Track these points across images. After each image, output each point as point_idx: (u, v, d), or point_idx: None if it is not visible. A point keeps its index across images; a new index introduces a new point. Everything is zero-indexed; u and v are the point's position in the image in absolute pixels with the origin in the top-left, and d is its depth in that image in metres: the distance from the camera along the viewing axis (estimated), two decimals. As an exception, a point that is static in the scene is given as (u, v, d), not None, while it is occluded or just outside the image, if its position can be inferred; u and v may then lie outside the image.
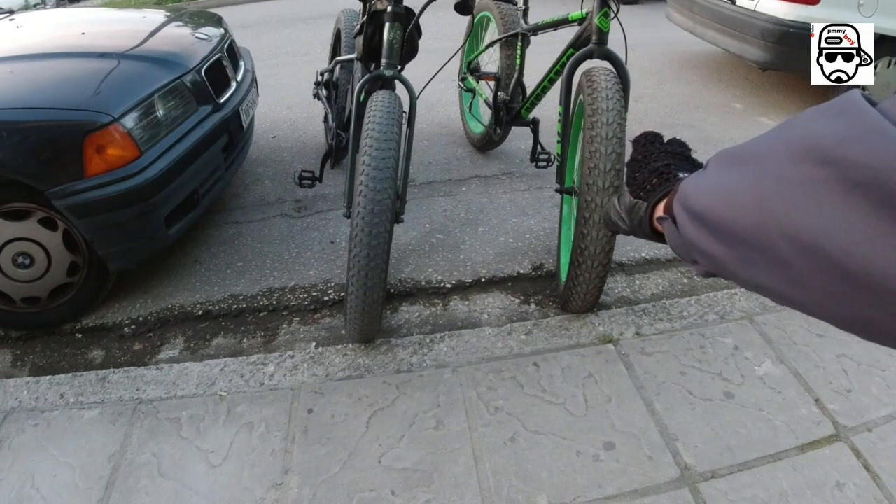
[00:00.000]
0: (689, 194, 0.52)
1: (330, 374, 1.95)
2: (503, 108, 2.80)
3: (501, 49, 2.89)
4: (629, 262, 2.55)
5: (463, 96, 3.46)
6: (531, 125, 2.76)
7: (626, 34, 2.13)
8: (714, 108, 4.28)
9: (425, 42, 2.35)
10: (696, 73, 4.92)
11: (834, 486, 1.66)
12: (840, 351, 2.11)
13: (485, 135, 3.09)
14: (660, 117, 4.01)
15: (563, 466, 1.60)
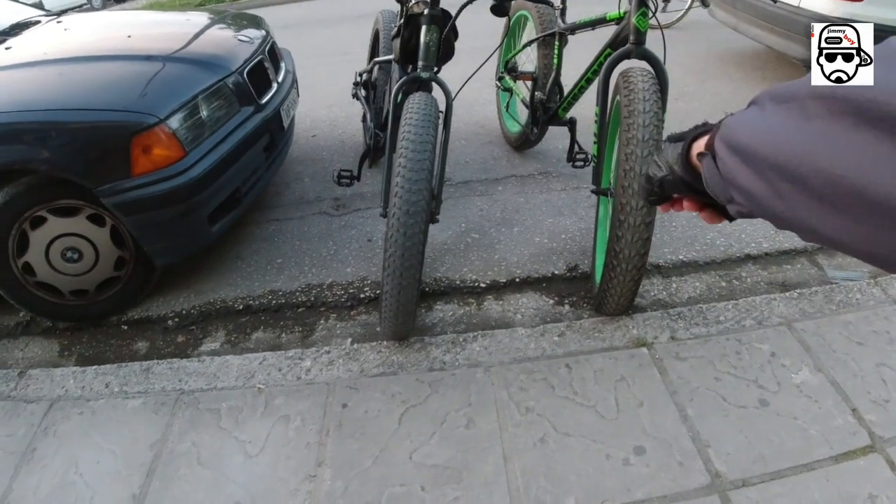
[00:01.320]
0: (732, 129, 0.54)
1: (364, 370, 1.99)
2: (540, 108, 2.80)
3: (539, 48, 2.89)
4: (666, 265, 2.52)
5: (500, 96, 3.46)
6: (568, 125, 2.75)
7: (670, 32, 2.11)
8: (758, 107, 4.17)
9: (463, 42, 2.36)
10: (740, 70, 4.81)
11: (866, 498, 1.63)
12: (880, 360, 2.06)
13: (521, 134, 3.09)
14: (701, 116, 3.88)
15: (592, 469, 1.61)
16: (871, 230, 0.39)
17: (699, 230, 2.77)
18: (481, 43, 2.63)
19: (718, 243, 2.68)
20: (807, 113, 0.44)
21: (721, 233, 2.77)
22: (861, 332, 2.17)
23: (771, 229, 2.84)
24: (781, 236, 2.80)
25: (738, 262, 2.59)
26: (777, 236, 2.79)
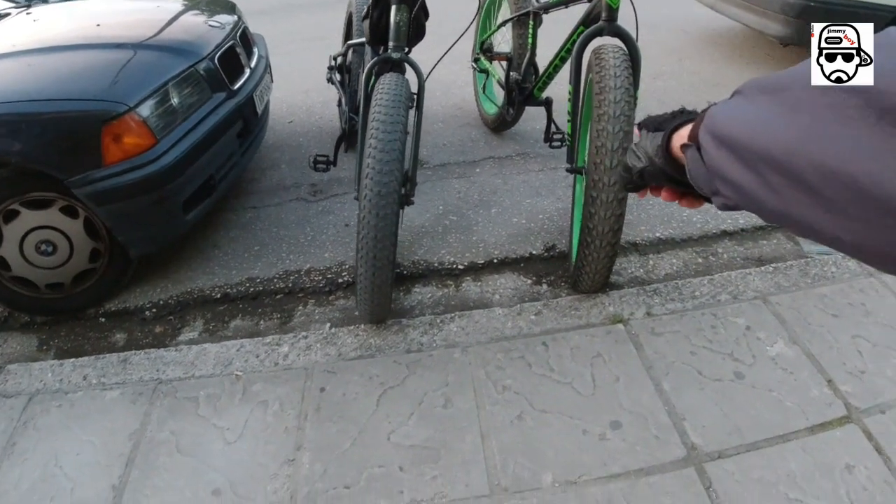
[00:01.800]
0: (718, 120, 0.52)
1: (342, 353, 1.99)
2: (515, 89, 2.79)
3: (513, 28, 2.87)
4: (643, 242, 2.53)
5: (476, 77, 3.44)
6: (545, 105, 2.74)
7: (648, 12, 2.10)
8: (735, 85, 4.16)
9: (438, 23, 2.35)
10: (718, 49, 4.82)
11: (843, 469, 1.65)
12: (856, 332, 2.08)
13: (498, 115, 3.08)
14: (679, 95, 3.94)
15: (569, 445, 1.62)
16: (871, 226, 0.38)
17: (676, 208, 2.77)
18: (455, 25, 2.60)
19: (695, 220, 2.69)
20: (801, 104, 0.42)
21: (698, 210, 2.78)
22: (836, 304, 2.19)
23: (747, 205, 2.86)
24: (758, 212, 2.82)
25: (715, 239, 2.60)
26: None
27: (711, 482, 1.56)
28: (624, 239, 2.53)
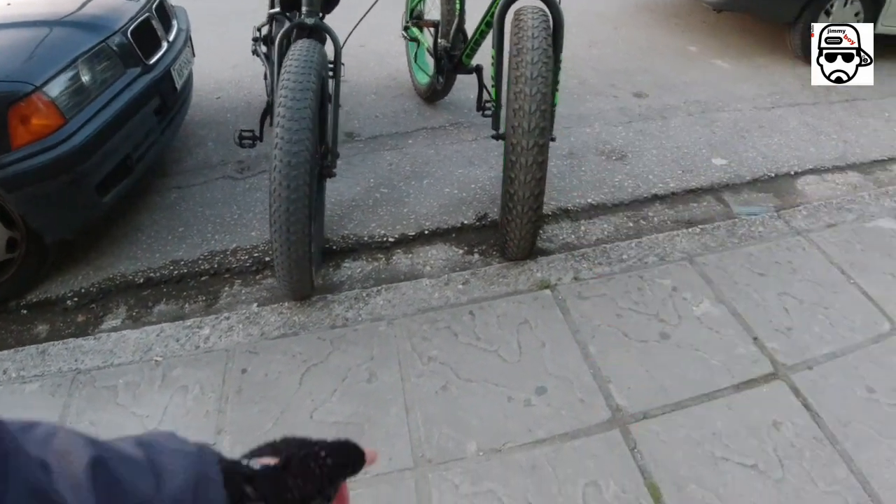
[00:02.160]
0: None
1: (265, 333, 1.92)
2: (444, 56, 2.72)
3: (442, -6, 2.81)
4: (574, 208, 2.52)
5: (409, 46, 3.36)
6: (475, 72, 2.69)
7: None
8: (670, 52, 4.21)
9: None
10: (653, 16, 4.83)
11: (771, 425, 1.67)
12: (782, 289, 2.11)
13: (430, 85, 3.02)
14: (613, 62, 3.94)
15: (493, 413, 1.60)
16: None
17: (607, 173, 2.77)
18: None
19: (626, 185, 2.69)
20: None
21: (629, 175, 2.78)
22: (763, 262, 2.22)
23: (679, 169, 2.88)
24: (688, 176, 2.84)
25: (646, 203, 2.61)
26: (684, 176, 2.83)
27: (636, 443, 1.56)
28: (556, 205, 2.51)
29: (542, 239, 2.32)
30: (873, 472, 1.58)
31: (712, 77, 3.93)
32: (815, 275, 2.20)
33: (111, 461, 0.40)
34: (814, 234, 2.42)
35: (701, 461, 1.55)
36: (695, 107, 3.51)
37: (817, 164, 3.12)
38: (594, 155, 2.92)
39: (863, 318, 2.06)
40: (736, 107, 3.58)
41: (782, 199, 2.79)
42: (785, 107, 3.69)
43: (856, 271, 2.26)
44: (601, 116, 3.28)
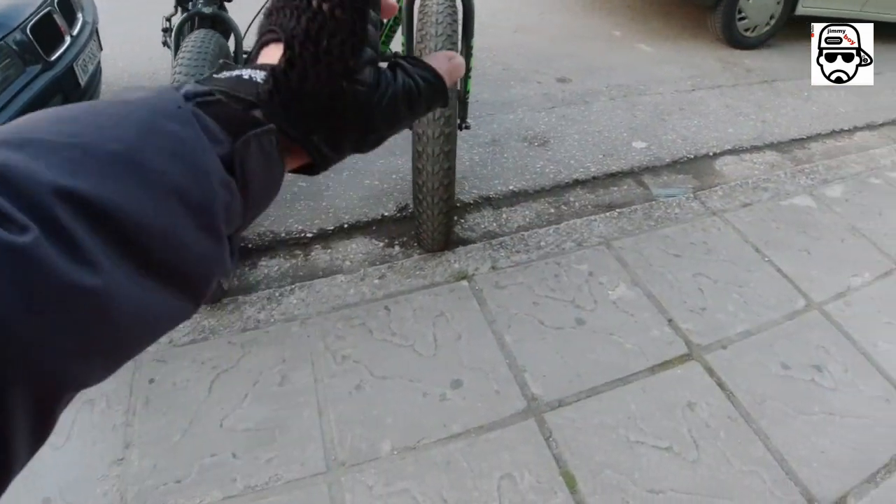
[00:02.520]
0: None
1: (173, 339, 1.84)
2: (361, 44, 2.66)
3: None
4: (496, 196, 2.50)
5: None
6: (391, 59, 2.63)
7: None
8: (594, 37, 4.24)
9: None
10: (578, 2, 4.86)
11: (685, 406, 1.69)
12: (697, 270, 2.14)
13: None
14: (538, 48, 3.93)
15: (408, 409, 1.56)
16: None
17: (530, 159, 2.77)
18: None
19: (548, 171, 2.70)
20: None
21: (551, 160, 2.78)
22: (679, 244, 2.25)
23: (600, 153, 2.90)
24: (609, 160, 2.86)
25: (567, 188, 2.61)
26: (605, 160, 2.85)
27: (551, 432, 1.56)
28: (478, 193, 2.49)
29: (463, 228, 2.30)
30: (789, 448, 1.62)
31: (635, 61, 3.98)
32: (729, 254, 2.24)
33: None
34: (729, 213, 2.47)
35: (616, 446, 1.55)
36: (617, 91, 3.54)
37: (736, 145, 3.19)
38: (517, 141, 2.91)
39: (777, 295, 2.11)
40: (657, 90, 3.63)
41: (701, 180, 2.84)
42: (705, 89, 3.76)
43: (770, 249, 2.31)
44: (525, 102, 3.27)
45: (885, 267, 2.35)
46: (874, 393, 1.82)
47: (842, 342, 1.97)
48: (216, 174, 0.31)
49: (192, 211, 0.30)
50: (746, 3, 4.25)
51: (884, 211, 2.70)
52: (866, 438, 1.68)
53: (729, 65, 4.18)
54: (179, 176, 0.29)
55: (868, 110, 3.94)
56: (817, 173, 2.90)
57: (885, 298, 2.18)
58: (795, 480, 1.54)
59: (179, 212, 0.29)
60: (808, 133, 3.48)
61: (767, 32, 4.52)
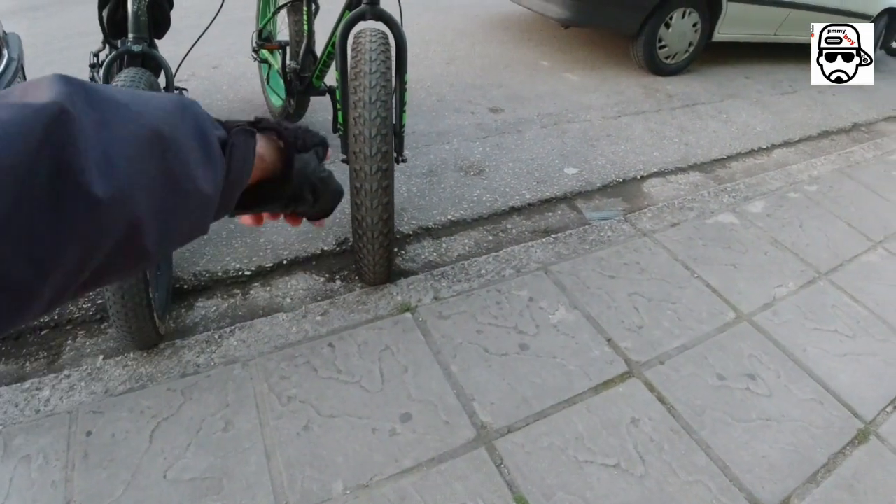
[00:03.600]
0: None
1: (109, 389, 1.76)
2: (294, 78, 2.66)
3: (289, 15, 2.74)
4: (435, 226, 2.53)
5: (261, 68, 3.26)
6: (328, 93, 2.64)
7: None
8: (523, 67, 4.37)
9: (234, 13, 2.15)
10: (508, 33, 5.01)
11: (629, 423, 1.73)
12: (632, 290, 2.21)
13: (284, 107, 2.94)
14: (470, 78, 4.03)
15: (358, 447, 1.55)
16: None
17: (467, 188, 2.82)
18: (248, 14, 2.41)
19: (485, 199, 2.75)
20: None
21: (487, 189, 2.84)
22: (613, 265, 2.32)
23: (534, 180, 2.97)
24: (543, 186, 2.94)
25: (504, 215, 2.67)
26: (539, 187, 2.93)
27: (502, 458, 1.57)
28: (417, 224, 2.51)
29: (404, 259, 2.31)
30: (731, 456, 1.68)
31: (563, 89, 4.12)
32: (661, 273, 2.34)
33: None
34: (658, 233, 2.57)
35: (566, 467, 1.58)
36: (547, 119, 3.66)
37: (661, 167, 3.34)
38: (453, 171, 2.95)
39: (708, 309, 2.21)
40: (585, 117, 3.77)
41: (630, 202, 2.96)
42: (630, 115, 3.93)
43: (699, 266, 2.42)
44: (459, 132, 3.33)
45: (808, 276, 2.49)
46: (807, 396, 1.92)
47: (772, 350, 2.07)
48: (217, 147, 0.47)
49: (203, 156, 0.45)
50: (666, 32, 4.49)
51: (804, 223, 2.88)
52: (804, 440, 1.77)
53: (651, 91, 4.39)
54: (198, 140, 0.45)
55: (784, 128, 4.20)
56: (739, 191, 3.07)
57: (809, 306, 2.32)
58: (740, 486, 1.61)
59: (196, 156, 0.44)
60: (728, 153, 3.68)
61: (687, 59, 4.77)
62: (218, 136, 0.48)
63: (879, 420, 1.91)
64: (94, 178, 0.33)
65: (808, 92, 5.05)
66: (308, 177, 0.65)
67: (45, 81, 0.35)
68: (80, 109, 0.34)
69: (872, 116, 4.86)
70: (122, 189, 0.35)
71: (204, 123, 0.46)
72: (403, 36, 1.94)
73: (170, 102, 0.44)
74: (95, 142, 0.34)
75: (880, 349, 2.19)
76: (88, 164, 0.33)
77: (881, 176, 3.60)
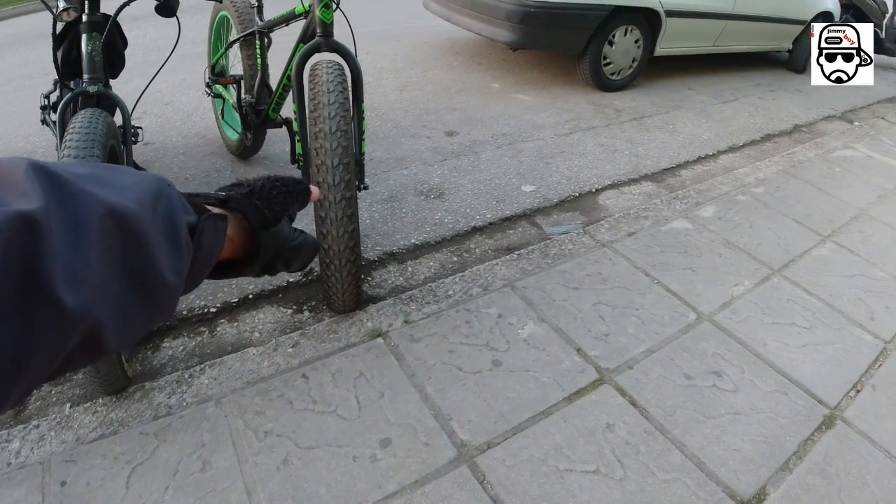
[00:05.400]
0: None
1: (80, 437, 1.72)
2: (250, 112, 2.67)
3: (242, 50, 2.75)
4: (400, 251, 2.55)
5: (215, 103, 3.26)
6: (284, 125, 2.66)
7: (392, 26, 2.12)
8: (475, 91, 4.46)
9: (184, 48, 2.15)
10: (458, 58, 5.11)
11: (605, 429, 1.77)
12: (596, 299, 2.27)
13: (241, 141, 2.93)
14: (424, 103, 4.09)
15: (340, 476, 1.54)
16: None
17: (428, 212, 2.85)
18: (197, 49, 2.41)
19: (447, 221, 2.79)
20: None
21: (448, 211, 2.88)
22: (576, 277, 2.38)
23: (493, 200, 3.03)
24: (502, 205, 3.00)
25: (467, 236, 2.71)
26: (499, 206, 2.98)
27: (485, 474, 1.59)
28: (381, 250, 2.53)
29: (371, 285, 2.32)
30: (705, 452, 1.74)
31: (515, 110, 4.22)
32: (623, 281, 2.40)
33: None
34: (617, 243, 2.65)
35: (547, 477, 1.60)
36: (502, 140, 3.73)
37: (615, 180, 3.44)
38: (413, 195, 2.99)
39: (670, 312, 2.28)
40: (539, 136, 3.86)
41: (588, 215, 3.03)
42: (582, 131, 4.04)
43: (658, 272, 2.49)
44: (417, 157, 3.38)
45: (762, 273, 2.60)
46: (771, 388, 1.99)
47: (734, 347, 2.15)
48: (186, 236, 0.46)
49: (170, 248, 0.44)
50: (610, 50, 4.64)
51: (754, 224, 2.99)
52: (773, 431, 1.84)
53: (600, 107, 4.52)
54: (166, 233, 0.44)
55: (728, 135, 4.37)
56: (690, 197, 3.18)
57: (766, 302, 2.41)
58: (716, 480, 1.66)
59: (163, 248, 0.43)
60: (677, 162, 3.81)
61: (631, 74, 4.94)
62: (188, 223, 0.48)
63: (844, 405, 1.99)
64: (64, 289, 0.33)
65: (749, 99, 5.27)
66: (278, 249, 0.65)
67: (17, 176, 0.34)
68: (52, 216, 0.34)
69: (812, 117, 5.10)
70: (89, 297, 0.35)
71: (175, 212, 0.46)
72: (359, 66, 1.97)
73: (146, 190, 0.43)
74: (66, 251, 0.34)
75: (837, 337, 2.29)
76: (58, 276, 0.33)
77: (824, 173, 3.78)
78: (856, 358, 2.21)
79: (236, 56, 2.92)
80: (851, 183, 3.72)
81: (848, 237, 3.06)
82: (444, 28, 5.64)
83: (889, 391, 2.09)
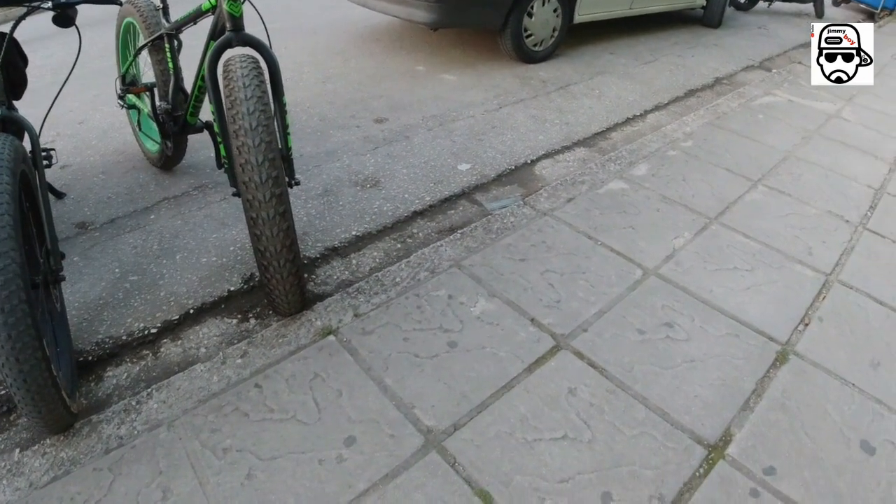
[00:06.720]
0: None
1: (33, 482, 1.61)
2: (167, 119, 2.55)
3: (151, 55, 2.62)
4: (341, 244, 2.49)
5: (130, 115, 3.10)
6: (206, 129, 2.55)
7: (307, 19, 2.04)
8: (400, 75, 4.40)
9: (86, 63, 2.01)
10: (380, 45, 5.02)
11: (567, 394, 1.78)
12: (543, 268, 2.28)
13: (161, 152, 2.80)
14: (349, 93, 4.01)
15: (308, 482, 1.50)
16: None
17: (366, 202, 2.80)
18: (107, 63, 2.27)
19: (386, 209, 2.74)
20: None
21: (386, 198, 2.83)
22: (521, 249, 2.38)
23: (431, 182, 3.00)
24: (440, 186, 2.97)
25: (408, 221, 2.68)
26: (436, 188, 2.96)
27: (455, 457, 1.57)
28: (322, 246, 2.47)
29: (316, 283, 2.26)
30: (667, 403, 1.77)
31: (442, 91, 4.18)
32: (567, 247, 2.42)
33: None
34: (557, 211, 2.66)
35: (517, 451, 1.60)
36: (432, 121, 3.69)
37: (548, 149, 3.46)
38: (349, 187, 2.92)
39: (616, 272, 2.31)
40: (469, 114, 3.84)
41: (526, 186, 3.04)
42: (510, 105, 4.04)
43: (600, 234, 2.52)
44: (348, 148, 3.31)
45: (700, 223, 2.66)
46: (722, 332, 2.05)
47: (682, 297, 2.20)
48: None
49: None
50: (530, 21, 4.65)
51: (686, 177, 3.06)
52: (729, 373, 1.89)
53: (526, 79, 4.53)
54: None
55: (653, 94, 4.45)
56: (623, 158, 3.22)
57: (707, 250, 2.48)
58: (682, 428, 1.69)
59: None
60: (607, 125, 3.86)
61: (553, 44, 4.96)
62: None
63: (794, 339, 2.06)
64: None
65: (669, 58, 5.39)
66: None
67: None
68: None
69: (731, 69, 5.25)
70: None
71: None
72: (275, 58, 1.90)
73: None
74: None
75: (779, 276, 2.37)
76: None
77: (749, 122, 3.89)
78: (800, 293, 2.29)
79: (147, 63, 2.78)
80: (776, 128, 3.85)
81: (778, 179, 3.16)
82: (362, 15, 5.54)
83: (836, 321, 2.17)
